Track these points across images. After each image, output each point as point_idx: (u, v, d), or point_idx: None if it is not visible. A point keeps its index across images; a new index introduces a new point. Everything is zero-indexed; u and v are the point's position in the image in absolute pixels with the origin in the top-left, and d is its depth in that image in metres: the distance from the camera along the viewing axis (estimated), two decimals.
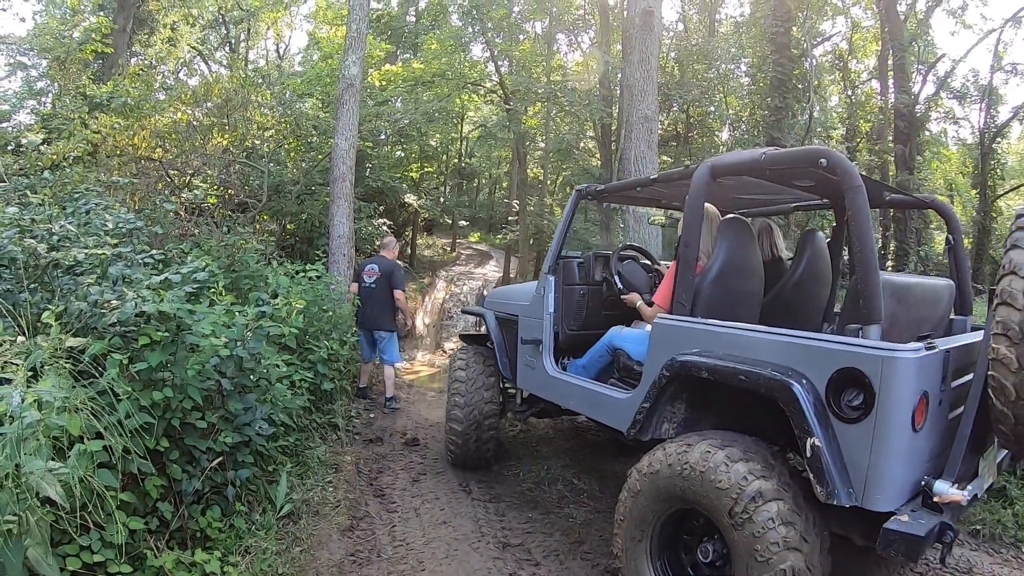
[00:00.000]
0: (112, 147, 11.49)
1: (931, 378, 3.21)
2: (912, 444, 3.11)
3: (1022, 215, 3.15)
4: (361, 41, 11.35)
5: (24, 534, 2.87)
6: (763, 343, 3.57)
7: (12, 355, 3.29)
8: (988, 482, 3.68)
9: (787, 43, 18.19)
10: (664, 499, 3.68)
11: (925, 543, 2.92)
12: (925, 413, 3.15)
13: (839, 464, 3.14)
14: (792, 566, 3.12)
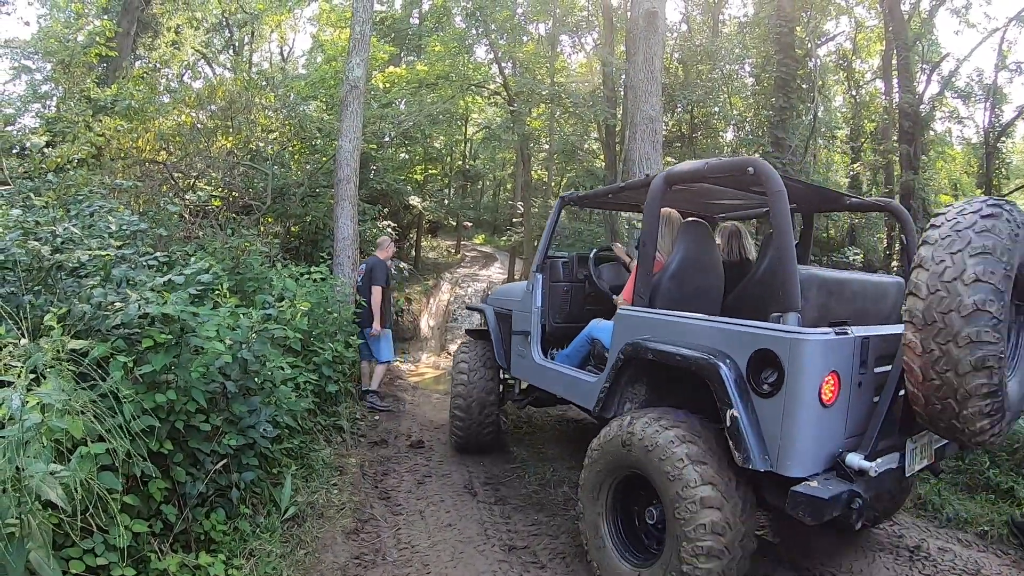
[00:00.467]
0: (116, 150, 11.51)
1: (842, 360, 3.63)
2: (822, 418, 3.54)
3: (939, 214, 3.55)
4: (365, 43, 11.34)
5: (26, 537, 2.85)
6: (698, 329, 4.11)
7: (14, 358, 3.27)
8: (922, 464, 4.07)
9: (791, 43, 18.15)
10: (614, 467, 4.29)
11: (828, 506, 3.31)
12: (837, 391, 3.58)
13: (756, 433, 3.61)
14: (711, 520, 3.61)
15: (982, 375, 3.26)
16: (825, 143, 25.40)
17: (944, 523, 5.72)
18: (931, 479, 6.27)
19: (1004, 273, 3.27)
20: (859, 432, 3.73)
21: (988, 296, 3.21)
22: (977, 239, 3.30)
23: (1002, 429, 3.53)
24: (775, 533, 5.50)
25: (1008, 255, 3.30)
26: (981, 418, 3.37)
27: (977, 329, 3.21)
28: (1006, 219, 3.38)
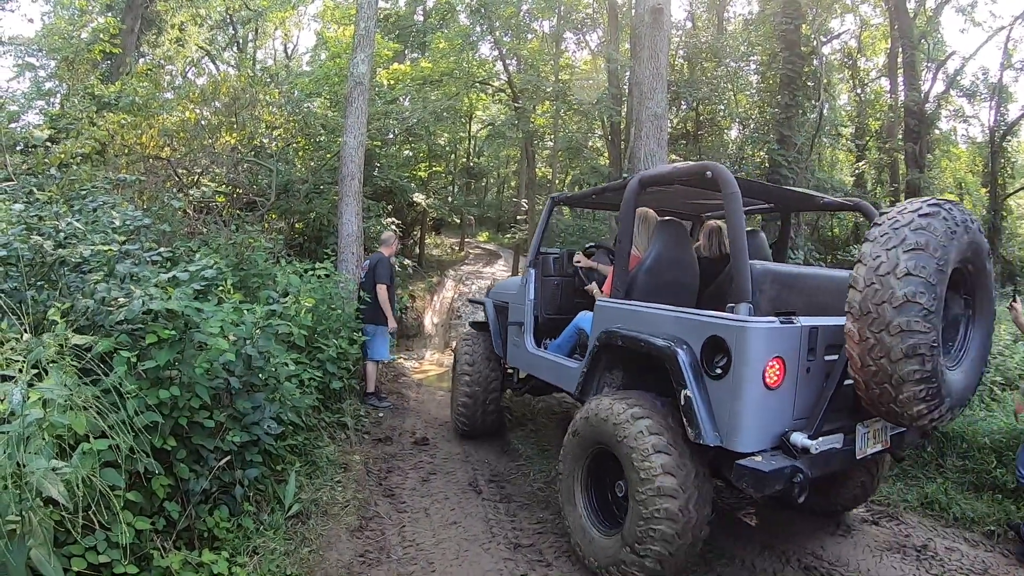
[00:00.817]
0: (120, 146, 11.49)
1: (788, 347, 3.99)
2: (766, 399, 3.91)
3: (885, 212, 3.89)
4: (369, 40, 11.31)
5: (26, 534, 2.82)
6: (661, 318, 4.55)
7: (16, 353, 3.24)
8: (875, 448, 4.42)
9: (797, 41, 18.08)
10: (587, 442, 4.71)
11: (768, 479, 3.70)
12: (783, 376, 3.94)
13: (707, 412, 4.03)
14: (668, 486, 4.00)
15: (914, 362, 3.60)
16: (830, 141, 25.33)
17: (951, 522, 5.69)
18: (937, 479, 6.26)
19: (936, 268, 3.59)
20: (808, 414, 4.10)
21: (919, 289, 3.55)
22: (912, 236, 3.64)
23: (942, 414, 3.87)
24: (785, 534, 5.48)
25: (942, 251, 3.64)
26: (917, 403, 3.72)
27: (908, 319, 3.55)
28: (943, 218, 3.73)
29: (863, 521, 5.69)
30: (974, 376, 4.26)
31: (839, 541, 5.32)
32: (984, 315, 4.34)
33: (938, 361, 3.68)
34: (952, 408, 3.96)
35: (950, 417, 4.02)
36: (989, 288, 4.28)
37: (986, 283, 4.25)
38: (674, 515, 3.98)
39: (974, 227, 3.93)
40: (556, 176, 29.82)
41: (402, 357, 13.42)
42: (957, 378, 4.05)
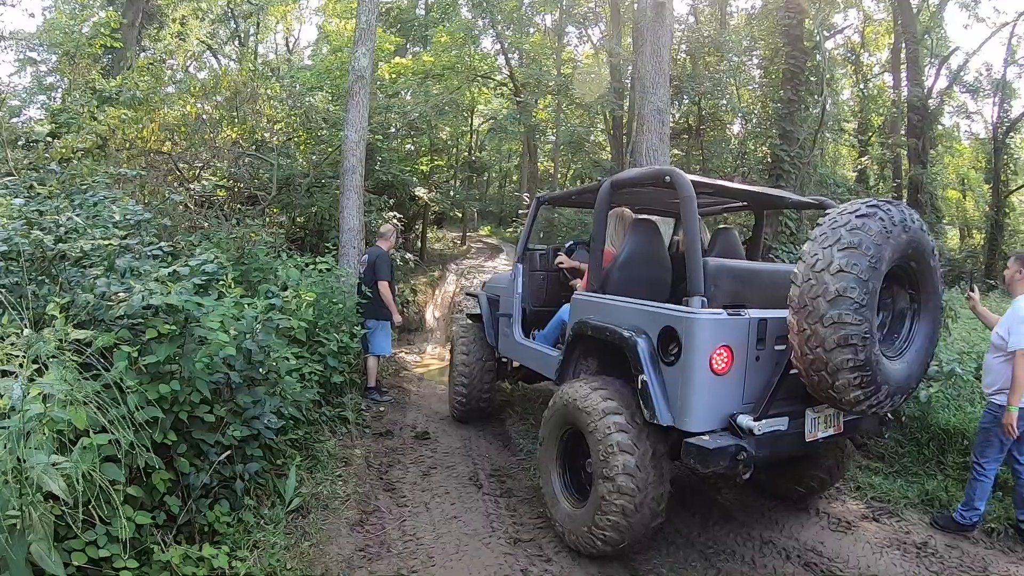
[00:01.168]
0: (121, 140, 11.49)
1: (736, 337, 4.37)
2: (714, 384, 4.29)
3: (826, 214, 4.22)
4: (371, 33, 11.30)
5: (27, 529, 2.83)
6: (626, 310, 4.97)
7: (16, 348, 3.24)
8: (827, 432, 4.73)
9: (799, 35, 18.01)
10: (561, 423, 5.15)
11: (713, 455, 4.07)
12: (730, 363, 4.32)
13: (662, 394, 4.42)
14: (625, 462, 4.40)
15: (847, 351, 3.92)
16: (833, 136, 25.30)
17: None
18: (938, 476, 6.26)
19: (869, 265, 3.91)
20: (758, 399, 4.42)
21: (850, 284, 3.87)
22: (847, 236, 3.97)
23: (880, 401, 4.20)
24: (786, 531, 5.48)
25: (876, 250, 3.95)
26: (853, 389, 4.05)
27: (840, 312, 3.88)
28: (879, 218, 4.04)
29: (863, 518, 5.70)
30: (919, 366, 4.56)
31: (839, 538, 5.32)
32: (930, 309, 4.62)
33: (872, 351, 4.00)
34: (892, 396, 4.27)
35: (890, 404, 4.33)
36: (934, 284, 4.55)
37: (931, 279, 4.52)
38: (631, 490, 4.38)
39: (915, 227, 4.21)
40: (558, 170, 29.79)
41: (403, 351, 13.41)
42: (899, 368, 4.36)
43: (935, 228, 21.67)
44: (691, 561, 4.87)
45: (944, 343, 7.69)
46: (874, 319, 4.02)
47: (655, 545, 5.09)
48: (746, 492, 6.23)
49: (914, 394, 5.79)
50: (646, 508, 4.43)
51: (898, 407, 4.72)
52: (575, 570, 4.70)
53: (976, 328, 9.08)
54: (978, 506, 5.39)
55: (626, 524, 4.44)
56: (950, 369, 6.89)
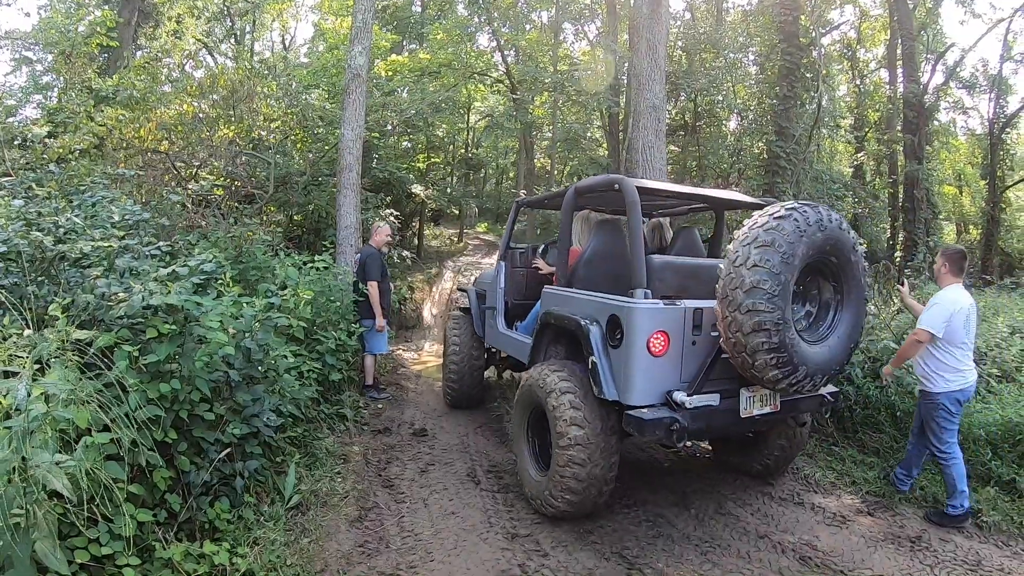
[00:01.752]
0: (118, 140, 11.49)
1: (672, 324, 4.94)
2: (652, 364, 4.86)
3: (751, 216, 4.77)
4: (367, 31, 11.31)
5: (31, 528, 2.86)
6: (583, 301, 5.58)
7: (18, 348, 3.28)
8: (763, 410, 5.20)
9: (795, 32, 18.07)
10: (527, 403, 5.77)
11: (649, 425, 4.67)
12: (667, 346, 4.89)
13: (609, 374, 5.01)
14: (576, 435, 5.00)
15: (761, 335, 4.46)
16: (829, 132, 25.32)
17: None
18: (932, 470, 6.29)
19: (781, 260, 4.44)
20: (693, 379, 4.99)
21: (763, 277, 4.42)
22: (763, 235, 4.52)
23: (798, 380, 4.73)
24: (781, 525, 5.52)
25: (789, 247, 4.47)
26: (770, 369, 4.59)
27: (754, 301, 4.42)
28: (794, 220, 4.56)
29: (858, 512, 5.73)
30: (841, 350, 5.07)
31: (834, 532, 5.36)
32: (853, 299, 5.10)
33: (786, 335, 4.53)
34: (812, 376, 4.80)
35: (810, 384, 4.85)
36: (856, 277, 5.04)
37: (853, 272, 5.02)
38: (582, 460, 4.97)
39: (832, 226, 4.73)
40: (555, 167, 29.80)
41: (401, 348, 13.44)
42: (819, 351, 4.89)
43: (931, 224, 21.74)
44: (687, 556, 4.90)
45: None
46: (788, 308, 4.55)
47: (651, 540, 5.14)
48: (717, 472, 6.44)
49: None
50: (596, 475, 5.03)
51: (821, 386, 5.07)
52: (572, 564, 4.73)
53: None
54: (963, 488, 5.58)
55: (579, 489, 5.04)
56: None
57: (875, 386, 7.01)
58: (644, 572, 4.65)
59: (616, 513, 5.63)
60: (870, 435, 6.87)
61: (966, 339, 5.63)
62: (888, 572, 4.73)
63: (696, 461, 7.05)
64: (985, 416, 6.40)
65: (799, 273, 4.65)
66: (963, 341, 5.61)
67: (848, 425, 7.17)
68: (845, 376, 7.13)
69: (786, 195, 17.15)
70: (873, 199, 24.67)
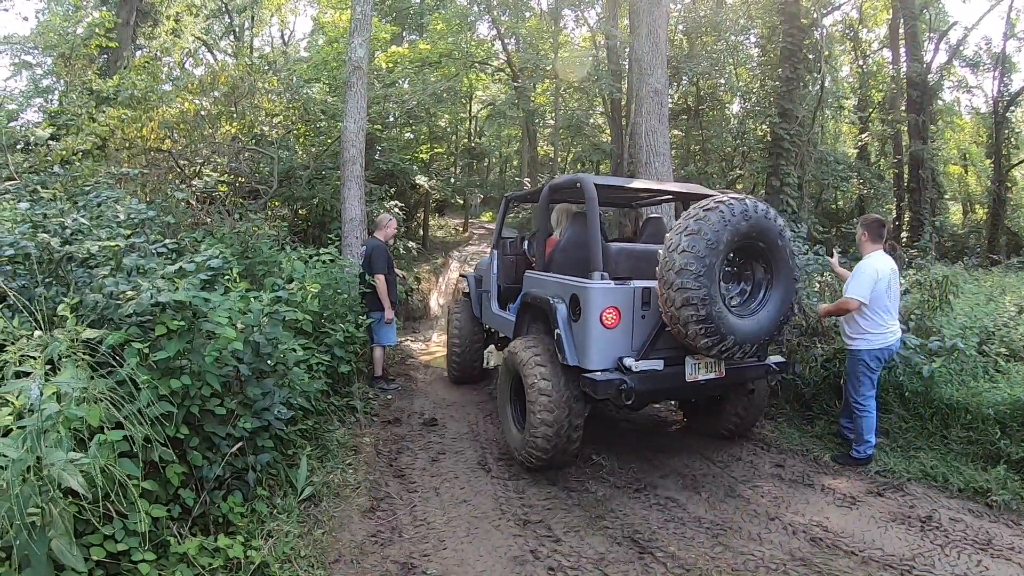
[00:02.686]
0: (121, 140, 11.52)
1: (623, 300, 5.76)
2: (604, 335, 5.67)
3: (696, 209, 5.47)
4: (366, 23, 11.29)
5: (47, 526, 2.89)
6: (553, 283, 6.44)
7: (30, 349, 3.30)
8: (708, 375, 5.96)
9: (797, 13, 17.99)
10: (509, 372, 6.56)
11: (601, 386, 5.49)
12: (618, 320, 5.70)
13: (571, 343, 5.83)
14: (545, 399, 5.76)
15: (690, 309, 5.26)
16: (833, 114, 25.25)
17: (955, 494, 5.72)
18: (941, 450, 6.30)
19: (707, 246, 5.21)
20: (643, 347, 5.80)
21: (690, 260, 5.20)
22: (692, 225, 5.32)
23: (728, 348, 5.48)
24: (791, 507, 5.53)
25: (714, 235, 5.24)
26: (701, 338, 5.36)
27: (683, 280, 5.22)
28: (720, 211, 5.33)
29: (868, 493, 5.74)
30: (771, 323, 5.78)
31: (844, 512, 5.37)
32: (781, 279, 5.81)
33: (712, 309, 5.28)
34: (740, 344, 5.55)
35: (739, 351, 5.59)
36: (784, 259, 5.75)
37: (780, 255, 5.73)
38: (551, 420, 5.71)
39: (757, 215, 5.48)
40: (558, 154, 29.76)
41: (408, 339, 13.47)
42: (748, 323, 5.64)
43: (936, 204, 21.67)
44: (698, 539, 4.92)
45: (946, 319, 7.73)
46: (714, 285, 5.30)
47: (662, 524, 5.16)
48: (727, 456, 6.48)
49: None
50: (563, 431, 5.77)
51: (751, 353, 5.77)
52: (583, 549, 4.75)
53: (979, 303, 9.12)
54: (869, 439, 6.35)
55: (549, 444, 5.77)
56: (952, 344, 6.88)
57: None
58: (656, 556, 4.67)
59: (627, 498, 5.66)
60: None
61: (888, 302, 6.30)
62: (898, 552, 4.73)
63: (707, 445, 7.06)
64: (993, 395, 6.39)
65: (726, 256, 5.52)
66: (885, 305, 6.28)
67: None
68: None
69: (790, 177, 17.13)
70: (878, 180, 24.61)
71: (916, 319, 7.53)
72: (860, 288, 6.20)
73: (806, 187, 18.55)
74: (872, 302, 6.20)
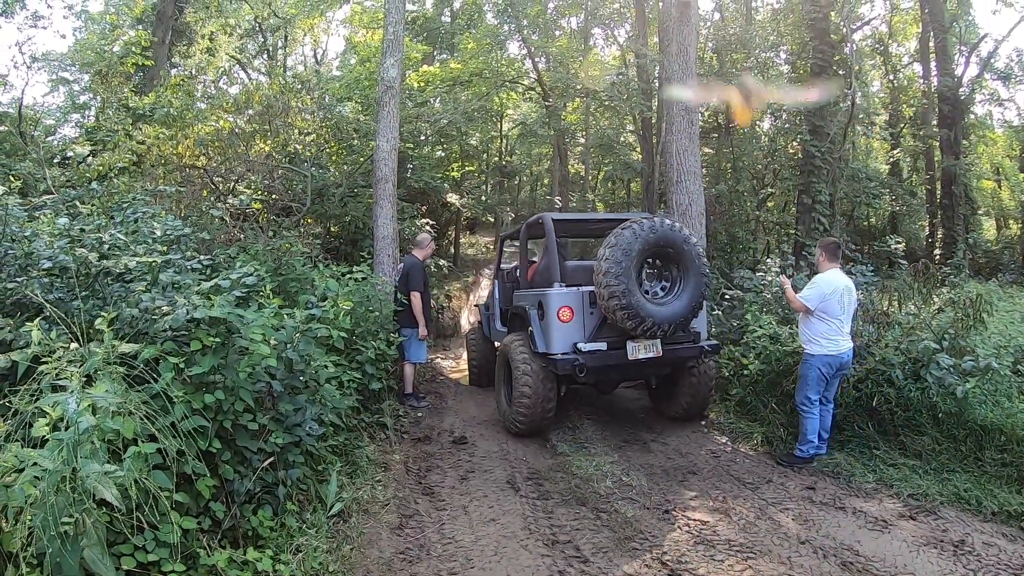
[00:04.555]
0: (157, 156, 11.69)
1: (574, 301, 7.67)
2: (562, 327, 7.55)
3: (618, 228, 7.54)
4: (398, 43, 11.40)
5: (80, 535, 2.93)
6: (529, 295, 8.33)
7: (66, 361, 3.35)
8: (647, 354, 7.61)
9: (826, 28, 17.91)
10: (503, 361, 8.38)
11: (560, 362, 7.34)
12: (572, 316, 7.60)
13: (541, 336, 7.70)
14: (526, 379, 7.59)
15: (614, 300, 7.11)
16: (864, 130, 25.05)
17: (989, 517, 5.61)
18: (975, 472, 6.18)
19: (623, 254, 7.15)
20: (594, 335, 7.61)
21: (611, 265, 7.13)
22: (613, 240, 7.30)
23: (648, 327, 7.25)
24: (822, 530, 5.47)
25: (628, 246, 7.20)
26: (626, 321, 7.18)
27: (607, 280, 7.12)
28: (632, 230, 7.33)
29: (900, 516, 5.64)
30: (684, 308, 7.52)
31: (876, 536, 5.28)
32: (690, 277, 7.61)
33: (631, 299, 7.13)
34: (658, 325, 7.31)
35: (660, 331, 7.37)
36: (691, 259, 7.59)
37: (688, 258, 7.59)
38: (528, 395, 7.62)
39: (663, 229, 7.45)
40: (589, 172, 29.75)
41: (439, 357, 13.52)
42: (664, 310, 7.41)
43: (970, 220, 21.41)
44: (728, 562, 4.88)
45: (980, 338, 7.61)
46: (631, 282, 7.17)
47: (691, 546, 5.12)
48: (758, 477, 6.35)
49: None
50: (538, 403, 7.64)
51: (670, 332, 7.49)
52: (612, 570, 4.73)
53: (1013, 321, 8.98)
54: (812, 439, 6.92)
55: (528, 412, 7.69)
56: (987, 364, 6.73)
57: (916, 388, 6.92)
58: None
59: (656, 519, 5.62)
60: (911, 438, 6.77)
61: (841, 315, 6.81)
62: None
63: (737, 467, 7.02)
64: None
65: (642, 260, 7.41)
66: (838, 317, 6.80)
67: (889, 428, 7.05)
68: (885, 378, 7.08)
69: (821, 194, 17.01)
70: (911, 196, 24.39)
71: (950, 338, 7.40)
72: (810, 295, 6.86)
73: (838, 204, 18.39)
74: (826, 312, 6.80)
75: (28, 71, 20.31)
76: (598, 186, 31.35)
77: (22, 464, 2.94)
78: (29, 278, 4.87)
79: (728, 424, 8.39)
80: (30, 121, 16.20)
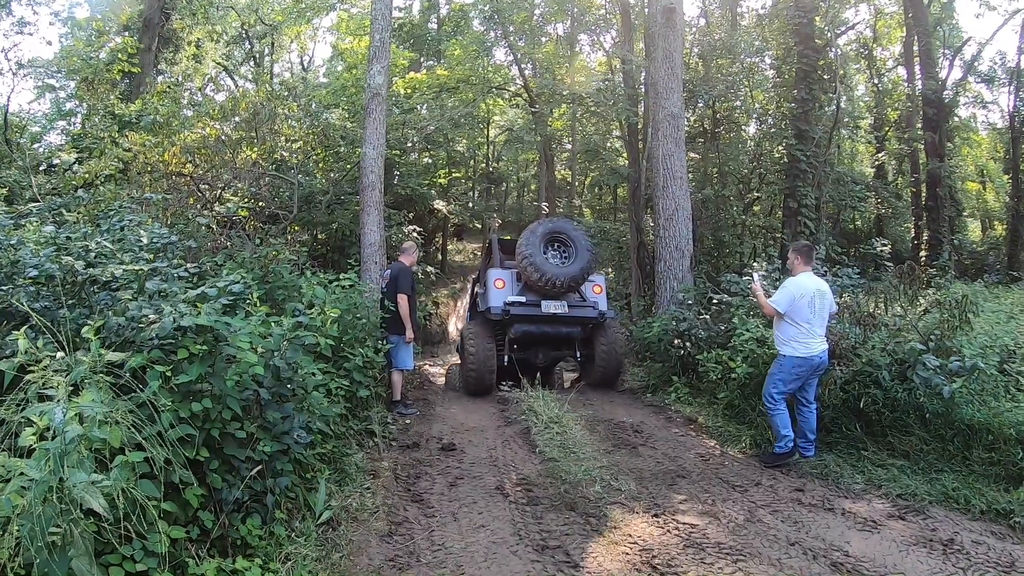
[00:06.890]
0: (143, 164, 11.67)
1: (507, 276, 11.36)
2: (498, 292, 11.07)
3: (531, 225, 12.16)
4: (385, 50, 11.41)
5: (68, 545, 2.91)
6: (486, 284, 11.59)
7: (53, 371, 3.34)
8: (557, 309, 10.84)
9: (811, 34, 18.00)
10: (461, 341, 12.00)
11: (492, 311, 10.84)
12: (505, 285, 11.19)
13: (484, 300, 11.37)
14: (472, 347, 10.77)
15: (530, 268, 10.77)
16: (849, 133, 25.18)
17: (977, 516, 5.65)
18: (963, 472, 6.22)
19: (529, 239, 11.10)
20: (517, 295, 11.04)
21: (524, 248, 11.00)
22: (522, 237, 11.40)
23: (549, 278, 10.69)
24: (811, 531, 5.49)
25: (531, 235, 11.22)
26: (533, 274, 10.72)
27: (524, 254, 10.90)
28: (531, 229, 11.46)
29: (889, 516, 5.67)
30: (576, 272, 10.94)
31: (865, 537, 5.30)
32: (578, 251, 11.19)
33: (535, 260, 10.72)
34: (555, 277, 10.68)
35: (559, 284, 10.70)
36: (577, 240, 11.30)
37: (574, 240, 11.31)
38: (473, 360, 10.54)
39: (556, 224, 11.74)
40: (575, 179, 29.83)
41: (427, 364, 13.52)
42: (559, 270, 10.82)
43: (955, 222, 21.52)
44: (717, 564, 4.88)
45: (966, 338, 7.65)
46: (538, 254, 10.82)
47: (681, 550, 5.12)
48: (745, 479, 6.36)
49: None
50: (482, 367, 10.58)
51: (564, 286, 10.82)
52: (601, 574, 4.73)
53: (999, 321, 9.04)
54: (786, 433, 6.98)
55: (475, 374, 10.66)
56: (973, 364, 6.76)
57: (903, 389, 6.95)
58: None
59: (646, 523, 5.62)
60: (899, 438, 6.80)
61: (811, 318, 6.90)
62: None
63: (724, 469, 7.04)
64: (1015, 415, 6.31)
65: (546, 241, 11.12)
66: (808, 319, 6.89)
67: (877, 429, 7.10)
68: (873, 380, 7.11)
69: (807, 198, 17.08)
70: (896, 199, 24.54)
71: (936, 339, 7.44)
72: (779, 298, 7.01)
73: (823, 208, 18.47)
74: (795, 314, 6.92)
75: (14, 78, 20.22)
76: (585, 192, 31.41)
77: (9, 474, 2.93)
78: (15, 287, 4.86)
79: (716, 427, 8.49)
80: (16, 128, 16.18)
